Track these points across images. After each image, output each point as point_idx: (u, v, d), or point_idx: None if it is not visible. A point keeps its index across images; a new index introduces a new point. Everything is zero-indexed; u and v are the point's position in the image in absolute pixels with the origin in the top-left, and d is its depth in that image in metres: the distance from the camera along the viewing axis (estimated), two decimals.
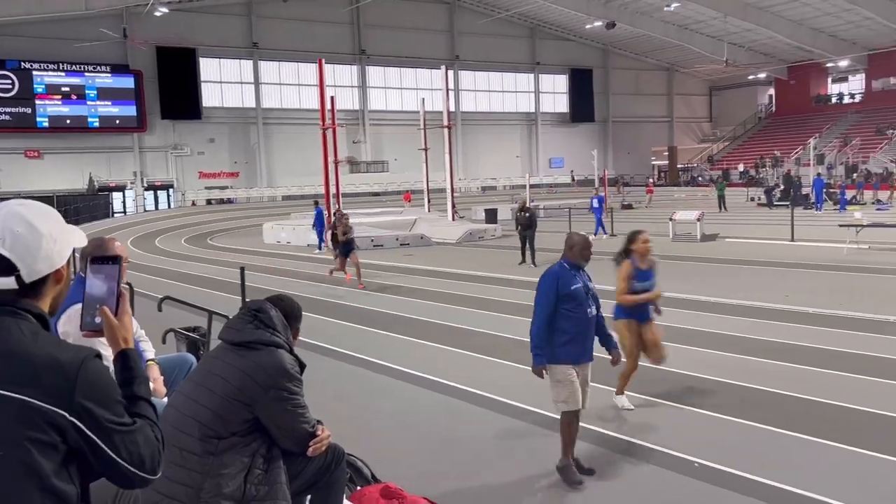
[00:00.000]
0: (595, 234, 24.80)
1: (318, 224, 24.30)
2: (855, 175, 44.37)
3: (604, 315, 5.67)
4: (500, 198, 48.57)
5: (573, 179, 55.37)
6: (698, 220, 23.55)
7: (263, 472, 3.19)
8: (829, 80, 63.78)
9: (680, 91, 68.18)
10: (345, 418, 6.63)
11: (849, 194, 35.67)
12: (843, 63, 57.17)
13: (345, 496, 3.88)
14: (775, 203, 37.70)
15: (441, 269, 18.70)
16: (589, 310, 5.38)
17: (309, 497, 3.59)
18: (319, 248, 24.22)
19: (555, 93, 62.97)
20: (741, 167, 55.99)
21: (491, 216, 34.09)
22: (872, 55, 55.76)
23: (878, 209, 32.23)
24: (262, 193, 49.81)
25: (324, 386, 7.77)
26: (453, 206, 31.12)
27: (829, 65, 59.05)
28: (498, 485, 5.39)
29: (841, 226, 21.01)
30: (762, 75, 62.24)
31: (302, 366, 3.43)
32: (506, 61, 59.16)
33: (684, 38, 55.59)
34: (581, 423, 5.57)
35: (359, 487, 4.32)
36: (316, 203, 26.05)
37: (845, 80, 63.19)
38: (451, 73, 42.79)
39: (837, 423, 6.43)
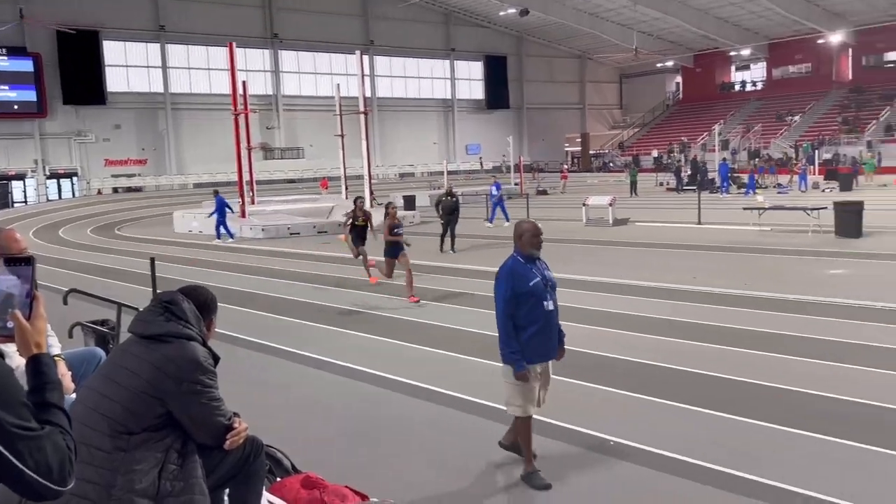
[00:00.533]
0: (491, 222, 25.05)
1: (220, 214, 23.60)
2: (756, 160, 46.26)
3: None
4: (419, 184, 48.60)
5: (482, 166, 55.89)
6: (610, 204, 24.12)
7: (178, 467, 3.10)
8: (733, 68, 66.21)
9: (592, 78, 69.55)
10: (264, 409, 6.52)
11: (748, 178, 37.10)
12: (746, 52, 59.45)
13: (265, 488, 3.82)
14: (683, 188, 39.00)
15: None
16: (547, 303, 5.02)
17: (227, 490, 3.52)
18: (218, 236, 23.58)
19: (470, 79, 63.27)
20: (655, 153, 57.61)
21: (409, 203, 34.08)
22: (772, 44, 58.19)
23: (779, 192, 33.71)
24: (171, 181, 48.30)
25: (242, 377, 7.62)
26: (371, 193, 30.93)
27: (732, 53, 61.29)
28: (421, 471, 5.41)
29: (745, 209, 21.90)
30: (670, 63, 64.09)
31: (216, 358, 3.34)
32: (421, 47, 59.03)
33: (595, 25, 56.65)
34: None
35: (279, 479, 4.26)
36: (216, 192, 25.34)
37: (747, 68, 65.71)
38: (366, 58, 42.36)
39: (751, 399, 6.71)
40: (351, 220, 14.21)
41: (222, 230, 23.66)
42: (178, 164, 49.26)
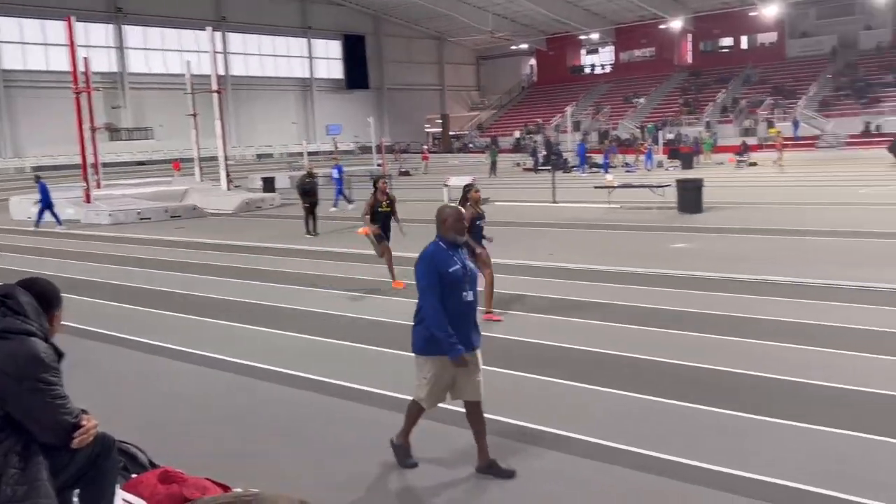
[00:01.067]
0: (335, 207, 24.36)
1: (44, 200, 21.96)
2: (607, 140, 48.38)
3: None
4: (278, 166, 47.50)
5: (336, 147, 55.62)
6: None
7: (20, 470, 2.91)
8: (583, 51, 68.78)
9: (450, 60, 70.27)
10: (118, 405, 6.24)
11: (600, 158, 38.75)
12: (595, 36, 61.89)
13: (119, 486, 3.66)
14: (540, 168, 40.26)
15: (219, 241, 17.99)
16: (465, 293, 4.76)
17: (77, 491, 3.34)
18: (37, 224, 21.97)
19: (329, 58, 62.35)
20: (518, 134, 59.00)
21: (269, 185, 33.29)
22: (619, 29, 60.87)
23: (627, 171, 35.44)
24: (7, 165, 44.66)
25: (93, 372, 7.23)
26: (228, 175, 29.93)
27: (582, 37, 63.62)
28: (292, 461, 5.34)
29: (596, 187, 22.91)
30: (524, 46, 65.77)
31: (59, 354, 3.15)
32: (276, 24, 57.50)
33: (452, 7, 57.15)
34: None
35: (134, 475, 4.08)
36: (37, 178, 23.65)
37: (597, 52, 68.45)
38: (218, 34, 40.80)
39: (595, 366, 7.06)
40: (372, 208, 11.35)
41: (47, 216, 22.03)
42: (13, 147, 45.69)
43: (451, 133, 64.39)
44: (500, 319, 8.81)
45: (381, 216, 11.37)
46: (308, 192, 18.39)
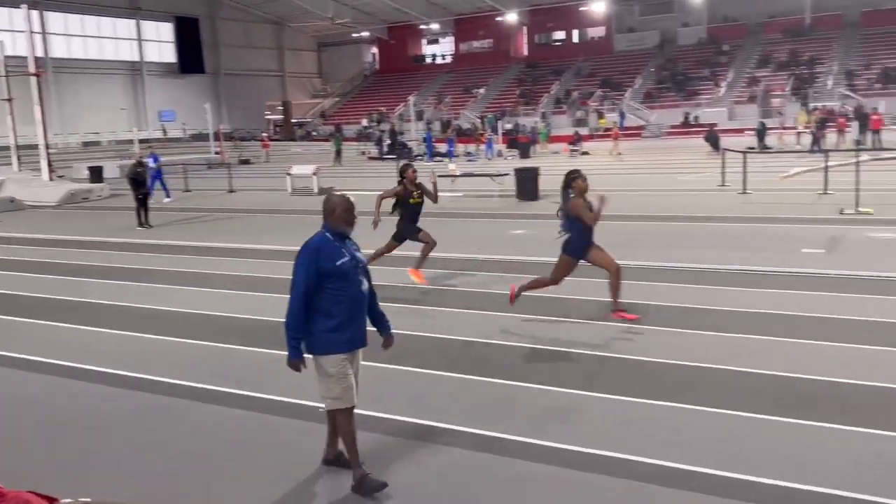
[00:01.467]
0: (168, 198, 23.35)
1: None
2: (449, 130, 49.20)
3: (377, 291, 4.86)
4: (106, 154, 44.75)
5: (165, 134, 53.14)
6: (315, 174, 24.25)
7: None
8: (424, 41, 69.50)
9: (290, 46, 68.84)
10: None
11: (443, 147, 39.42)
12: (435, 26, 62.69)
13: None
14: (384, 156, 40.39)
15: (42, 236, 16.77)
16: (360, 287, 4.55)
17: None
18: None
19: (160, 41, 59.31)
20: (365, 122, 58.65)
21: (96, 175, 31.34)
22: (458, 20, 62.03)
23: (468, 160, 36.23)
24: None
25: None
26: (50, 165, 27.88)
27: (422, 27, 64.26)
28: (120, 466, 5.11)
29: (439, 176, 23.23)
30: (366, 34, 65.55)
31: None
32: (102, 4, 54.01)
33: None
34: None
35: None
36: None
37: (437, 42, 69.38)
38: (35, 13, 37.79)
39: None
40: (400, 200, 9.90)
41: None
42: None
43: (293, 120, 63.16)
44: (634, 316, 7.88)
45: (412, 210, 9.91)
46: (139, 182, 17.48)
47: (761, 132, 33.55)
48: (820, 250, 11.35)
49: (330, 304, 4.41)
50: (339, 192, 4.71)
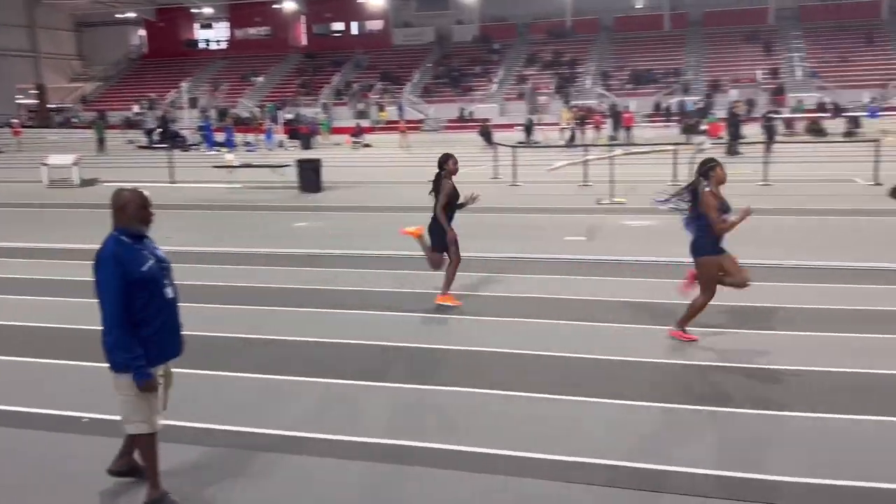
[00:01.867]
0: None
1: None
2: (226, 118, 47.45)
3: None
4: None
5: None
6: (75, 164, 22.42)
7: None
8: (197, 25, 66.42)
9: (45, 24, 62.76)
10: None
11: (220, 137, 37.98)
12: (208, 10, 60.12)
13: None
14: (154, 145, 38.18)
15: None
16: (166, 290, 4.14)
17: None
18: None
19: None
20: (136, 108, 54.74)
21: None
22: (233, 5, 59.97)
23: (247, 150, 35.20)
24: None
25: None
26: None
27: (194, 10, 61.37)
28: None
29: (215, 167, 22.48)
30: (132, 14, 61.35)
31: None
32: None
33: None
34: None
35: None
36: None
37: (210, 26, 66.59)
38: None
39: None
40: (450, 199, 8.19)
41: None
42: None
43: (49, 106, 57.74)
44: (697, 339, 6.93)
45: (453, 211, 8.34)
46: None
47: (529, 128, 35.78)
48: (581, 237, 12.39)
49: (136, 315, 3.95)
50: (130, 188, 4.15)
